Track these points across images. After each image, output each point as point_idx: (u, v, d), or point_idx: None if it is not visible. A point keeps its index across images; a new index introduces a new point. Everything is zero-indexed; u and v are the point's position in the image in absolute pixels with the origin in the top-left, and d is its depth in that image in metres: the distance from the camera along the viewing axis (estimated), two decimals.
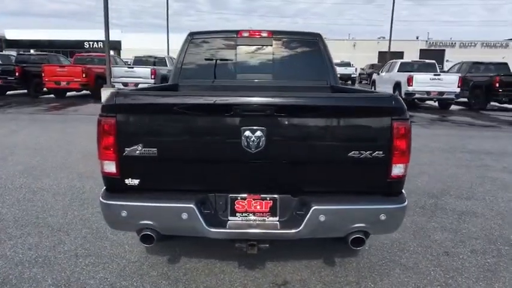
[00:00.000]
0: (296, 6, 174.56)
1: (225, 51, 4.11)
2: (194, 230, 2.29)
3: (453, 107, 15.38)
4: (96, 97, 14.79)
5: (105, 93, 13.97)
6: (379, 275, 2.93)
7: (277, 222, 2.37)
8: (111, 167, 2.31)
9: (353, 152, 2.23)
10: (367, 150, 2.23)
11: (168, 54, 28.75)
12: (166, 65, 16.71)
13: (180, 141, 2.26)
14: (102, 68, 15.23)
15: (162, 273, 2.89)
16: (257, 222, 2.37)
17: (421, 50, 54.95)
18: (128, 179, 2.31)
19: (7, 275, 2.81)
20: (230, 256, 3.08)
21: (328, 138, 2.27)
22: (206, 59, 4.07)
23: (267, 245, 2.38)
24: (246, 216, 2.38)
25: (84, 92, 15.93)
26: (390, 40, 29.56)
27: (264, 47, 4.08)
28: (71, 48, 43.60)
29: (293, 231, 2.26)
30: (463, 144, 8.05)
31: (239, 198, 2.37)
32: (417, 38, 61.18)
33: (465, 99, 15.70)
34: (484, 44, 58.51)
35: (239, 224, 2.36)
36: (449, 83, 14.01)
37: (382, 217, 2.28)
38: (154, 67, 14.96)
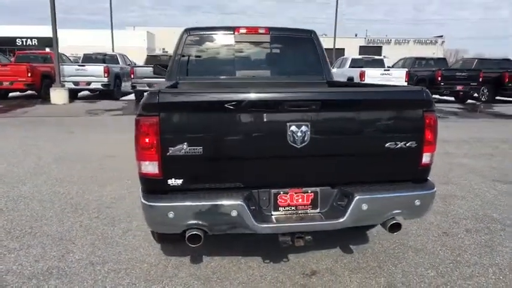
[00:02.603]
0: (240, 3, 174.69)
1: (223, 48, 4.08)
2: (243, 227, 2.29)
3: None
4: (44, 98, 13.86)
5: (55, 94, 13.17)
6: (396, 258, 3.12)
7: (319, 214, 2.45)
8: (152, 168, 2.23)
9: (389, 143, 2.37)
10: (402, 140, 2.38)
11: (113, 51, 27.63)
12: (118, 63, 16.03)
13: (226, 138, 2.25)
14: (49, 67, 14.29)
15: (190, 273, 2.85)
16: (300, 215, 2.43)
17: (360, 46, 57.73)
18: (171, 179, 2.26)
19: None
20: (250, 251, 3.12)
21: (367, 131, 2.38)
22: (205, 56, 4.02)
23: (310, 237, 2.44)
24: (288, 210, 2.43)
25: (29, 92, 14.79)
26: (335, 37, 30.70)
27: (262, 43, 4.11)
28: (0, 45, 40.06)
29: (339, 221, 2.34)
30: None
31: (282, 192, 2.41)
32: (356, 35, 64.35)
33: None
34: (416, 41, 63.07)
35: (284, 218, 2.40)
36: (397, 77, 15.02)
37: (417, 202, 2.44)
38: (107, 65, 14.29)
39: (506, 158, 6.59)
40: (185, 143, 2.19)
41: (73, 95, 14.15)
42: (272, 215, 2.41)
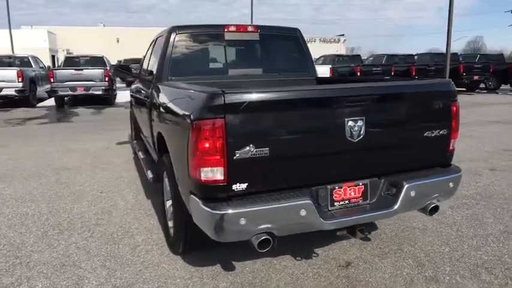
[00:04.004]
0: (143, 2, 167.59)
1: (213, 46, 3.95)
2: (310, 225, 2.28)
3: None
4: None
5: None
6: (409, 239, 3.35)
7: (369, 205, 2.53)
8: (216, 174, 2.10)
9: (428, 131, 2.55)
10: (437, 129, 2.58)
11: (13, 52, 25.06)
12: (31, 66, 14.37)
13: (291, 137, 2.21)
14: None
15: (231, 281, 2.73)
16: (354, 208, 2.48)
17: None
18: (236, 184, 2.15)
19: None
20: (275, 251, 3.07)
21: (412, 121, 2.53)
22: (195, 55, 3.85)
23: (365, 228, 2.52)
24: (343, 204, 2.47)
25: None
26: None
27: (252, 42, 4.07)
28: None
29: (393, 209, 2.46)
30: None
31: (336, 187, 2.44)
32: None
33: None
34: (322, 40, 67.45)
35: (340, 213, 2.43)
36: (323, 73, 15.91)
37: (451, 185, 2.67)
38: (21, 68, 12.71)
39: None
40: (251, 145, 2.10)
41: None
42: (329, 210, 2.43)
